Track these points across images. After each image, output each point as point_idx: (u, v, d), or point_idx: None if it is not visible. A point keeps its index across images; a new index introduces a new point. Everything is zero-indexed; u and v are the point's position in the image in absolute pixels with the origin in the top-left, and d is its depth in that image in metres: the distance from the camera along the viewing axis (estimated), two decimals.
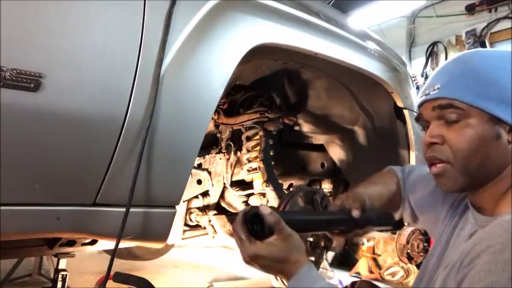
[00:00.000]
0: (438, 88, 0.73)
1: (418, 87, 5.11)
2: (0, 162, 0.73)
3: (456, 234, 0.80)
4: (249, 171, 1.81)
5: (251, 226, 0.73)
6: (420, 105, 0.78)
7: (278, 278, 1.88)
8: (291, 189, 1.96)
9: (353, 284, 1.00)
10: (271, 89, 1.80)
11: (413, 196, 0.99)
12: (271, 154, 1.75)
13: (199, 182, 1.85)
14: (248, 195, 1.85)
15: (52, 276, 1.83)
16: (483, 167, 0.70)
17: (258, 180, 1.80)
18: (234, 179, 1.88)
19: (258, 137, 1.79)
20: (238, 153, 1.86)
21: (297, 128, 1.98)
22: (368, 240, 3.74)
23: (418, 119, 0.80)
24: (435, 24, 5.26)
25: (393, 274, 3.52)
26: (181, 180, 0.99)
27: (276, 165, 1.79)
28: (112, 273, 0.94)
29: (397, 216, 1.02)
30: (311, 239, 1.87)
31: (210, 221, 1.85)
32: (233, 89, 1.78)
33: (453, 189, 0.75)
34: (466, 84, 0.70)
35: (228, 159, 1.88)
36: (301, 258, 0.73)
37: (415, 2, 5.26)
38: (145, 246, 1.63)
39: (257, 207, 0.74)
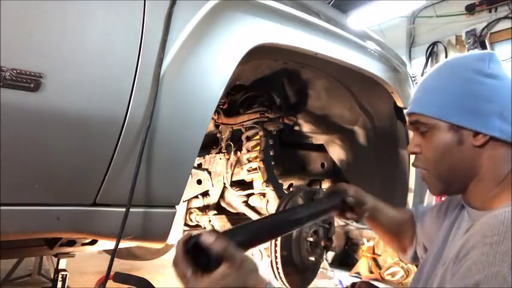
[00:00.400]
0: (412, 103, 0.82)
1: None
2: (0, 162, 0.73)
3: (453, 233, 0.81)
4: (249, 171, 1.81)
5: (195, 257, 0.61)
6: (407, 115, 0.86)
7: (278, 278, 1.88)
8: (291, 189, 1.96)
9: (353, 284, 1.01)
10: (271, 89, 1.80)
11: (422, 228, 1.02)
12: (271, 154, 1.75)
13: (199, 182, 1.85)
14: (248, 195, 1.85)
15: (52, 276, 1.84)
16: (452, 171, 0.76)
17: (258, 180, 1.80)
18: (234, 179, 1.88)
19: (258, 137, 1.79)
20: (238, 153, 1.86)
21: (297, 128, 1.98)
22: (368, 240, 3.74)
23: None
24: (435, 24, 5.26)
25: (393, 274, 3.53)
26: (181, 180, 0.99)
27: (276, 165, 1.79)
28: (112, 273, 0.94)
29: (410, 253, 1.05)
30: (311, 239, 1.87)
31: (210, 221, 1.85)
32: (233, 89, 1.78)
33: (437, 192, 0.82)
34: (426, 98, 0.78)
35: (228, 159, 1.88)
36: (259, 282, 0.63)
37: (415, 2, 5.26)
38: (145, 246, 1.63)
39: (198, 234, 0.63)
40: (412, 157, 0.86)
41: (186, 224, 1.88)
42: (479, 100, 0.72)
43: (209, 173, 1.90)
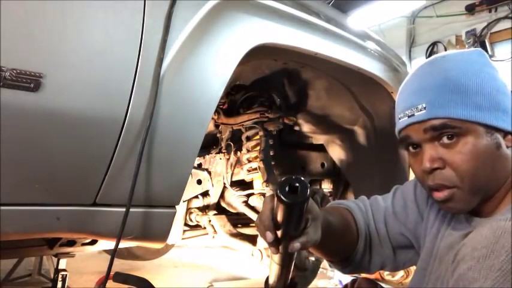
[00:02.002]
0: (424, 108, 0.67)
1: None
2: (0, 162, 0.73)
3: (448, 233, 0.77)
4: (249, 171, 1.81)
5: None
6: (404, 127, 0.71)
7: None
8: None
9: (353, 282, 1.00)
10: (271, 89, 1.80)
11: (394, 223, 0.88)
12: (271, 154, 1.75)
13: (199, 182, 1.85)
14: (248, 195, 1.85)
15: (52, 276, 1.83)
16: (491, 180, 0.66)
17: (258, 180, 1.80)
18: (234, 179, 1.88)
19: (258, 137, 1.79)
20: (238, 153, 1.86)
21: (297, 128, 1.98)
22: None
23: (402, 141, 0.74)
24: (435, 24, 5.26)
25: (393, 274, 3.52)
26: (181, 180, 0.99)
27: (276, 165, 1.79)
28: (112, 273, 0.94)
29: (355, 259, 0.89)
30: None
31: (210, 221, 1.86)
32: (233, 89, 1.78)
33: (464, 211, 0.70)
34: (454, 99, 0.65)
35: (228, 159, 1.88)
36: None
37: (415, 2, 5.25)
38: (145, 246, 1.63)
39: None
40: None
41: (186, 224, 1.88)
42: (505, 96, 0.66)
43: (209, 173, 1.90)
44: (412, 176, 1.82)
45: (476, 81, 0.66)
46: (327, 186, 2.07)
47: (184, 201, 1.81)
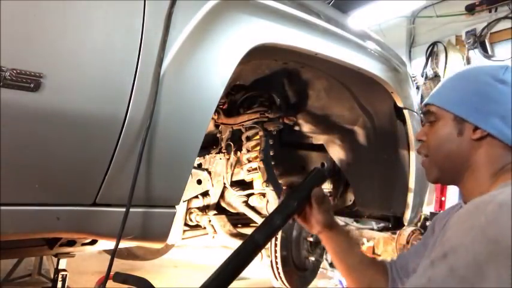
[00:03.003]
0: (428, 97, 0.90)
1: (418, 87, 5.12)
2: (0, 162, 0.73)
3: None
4: (249, 171, 1.81)
5: None
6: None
7: (278, 278, 1.88)
8: None
9: None
10: (271, 89, 1.80)
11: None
12: (271, 154, 1.75)
13: (199, 182, 1.85)
14: (248, 195, 1.85)
15: (52, 276, 1.83)
16: (448, 158, 0.82)
17: (258, 180, 1.80)
18: (234, 179, 1.88)
19: (258, 137, 1.79)
20: (238, 153, 1.86)
21: (297, 128, 1.98)
22: (368, 240, 3.73)
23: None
24: (435, 24, 5.27)
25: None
26: (181, 180, 0.99)
27: (276, 165, 1.79)
28: (112, 273, 0.94)
29: None
30: (311, 239, 1.87)
31: (210, 221, 1.86)
32: (233, 89, 1.78)
33: (432, 178, 0.87)
34: (443, 92, 0.87)
35: (228, 159, 1.88)
36: None
37: (415, 2, 5.26)
38: (145, 246, 1.63)
39: None
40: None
41: (186, 224, 1.89)
42: (486, 100, 0.78)
43: (209, 173, 1.90)
44: (412, 176, 1.81)
45: (465, 82, 0.83)
46: (327, 186, 2.07)
47: (184, 201, 1.82)
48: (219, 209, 1.92)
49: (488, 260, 0.55)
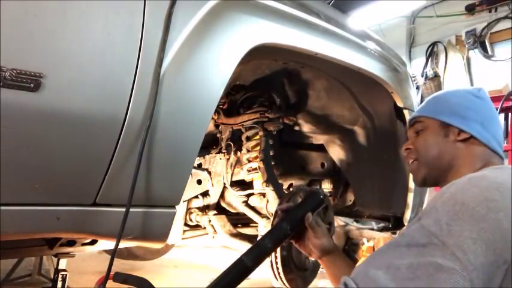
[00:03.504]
0: (416, 111, 1.02)
1: (418, 87, 5.13)
2: (0, 162, 0.73)
3: None
4: (249, 171, 1.81)
5: None
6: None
7: (278, 278, 1.88)
8: (291, 189, 1.96)
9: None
10: (271, 89, 1.80)
11: None
12: (271, 154, 1.75)
13: (199, 182, 1.85)
14: (248, 195, 1.85)
15: (52, 276, 1.83)
16: (437, 157, 0.92)
17: (258, 180, 1.80)
18: (234, 179, 1.88)
19: (258, 137, 1.79)
20: (238, 153, 1.86)
21: (297, 128, 1.98)
22: (368, 240, 3.73)
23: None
24: (435, 24, 5.27)
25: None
26: (181, 180, 0.99)
27: (276, 165, 1.79)
28: (112, 273, 0.94)
29: None
30: None
31: (210, 221, 1.85)
32: (233, 89, 1.78)
33: (420, 178, 0.96)
34: (429, 105, 0.99)
35: (228, 159, 1.88)
36: None
37: (415, 2, 5.26)
38: (145, 246, 1.63)
39: None
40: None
41: (186, 224, 1.88)
42: (467, 109, 0.92)
43: (209, 173, 1.90)
44: (411, 177, 1.82)
45: (450, 96, 0.97)
46: (327, 186, 2.07)
47: (184, 201, 1.81)
48: (219, 209, 1.92)
49: (455, 218, 0.64)
